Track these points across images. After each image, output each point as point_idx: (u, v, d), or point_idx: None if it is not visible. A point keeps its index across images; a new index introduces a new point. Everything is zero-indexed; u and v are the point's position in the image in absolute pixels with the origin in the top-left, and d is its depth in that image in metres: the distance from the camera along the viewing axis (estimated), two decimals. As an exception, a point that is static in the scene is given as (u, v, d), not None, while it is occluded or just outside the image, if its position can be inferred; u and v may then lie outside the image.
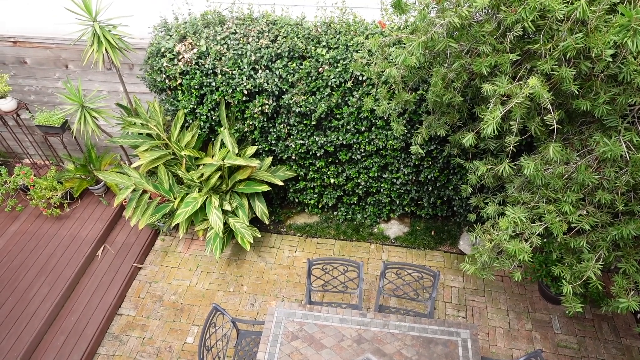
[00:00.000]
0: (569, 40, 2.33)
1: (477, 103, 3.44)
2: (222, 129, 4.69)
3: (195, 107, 4.66)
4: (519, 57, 2.65)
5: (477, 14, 2.86)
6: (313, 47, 4.28)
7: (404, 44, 2.85)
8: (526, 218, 2.93)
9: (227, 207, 4.73)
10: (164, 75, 4.49)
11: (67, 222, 5.57)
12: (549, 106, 2.49)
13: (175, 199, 4.86)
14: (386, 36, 3.43)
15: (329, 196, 5.45)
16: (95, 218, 5.62)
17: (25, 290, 4.86)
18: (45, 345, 4.51)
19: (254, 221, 5.50)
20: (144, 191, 4.95)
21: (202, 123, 4.77)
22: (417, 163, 4.80)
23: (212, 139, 5.03)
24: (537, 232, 2.91)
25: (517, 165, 3.00)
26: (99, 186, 5.75)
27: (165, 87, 4.59)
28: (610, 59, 2.30)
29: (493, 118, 2.53)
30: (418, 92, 4.06)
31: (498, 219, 3.02)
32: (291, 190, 5.49)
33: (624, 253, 2.97)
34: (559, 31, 2.42)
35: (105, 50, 4.17)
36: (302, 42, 4.29)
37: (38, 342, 4.52)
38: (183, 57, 4.36)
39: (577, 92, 2.56)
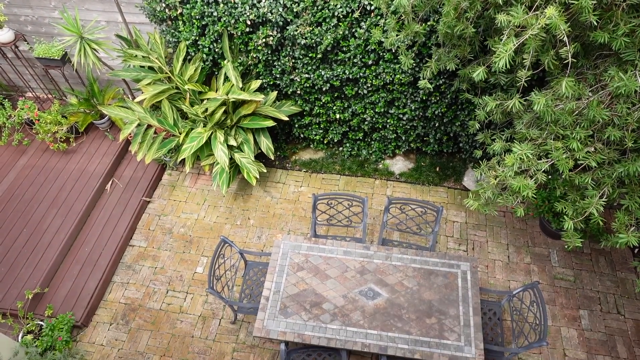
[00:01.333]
0: (593, -35, 2.18)
1: (490, 35, 3.30)
2: (225, 62, 4.57)
3: (197, 38, 4.51)
4: (537, -15, 2.51)
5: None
6: (319, -26, 4.06)
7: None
8: (533, 154, 2.92)
9: (232, 142, 4.72)
10: (164, 4, 4.31)
11: (75, 157, 5.62)
12: (565, 38, 2.38)
13: (180, 133, 4.85)
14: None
15: (335, 132, 5.42)
16: (102, 153, 5.65)
17: (39, 222, 5.01)
18: (62, 273, 4.72)
19: (260, 156, 5.52)
20: (149, 126, 4.94)
21: (204, 56, 4.65)
22: (424, 98, 4.71)
23: (216, 73, 4.92)
24: (543, 169, 2.91)
25: (527, 101, 2.94)
26: (103, 120, 5.73)
27: (165, 17, 4.42)
28: (635, -13, 2.17)
29: (506, 51, 2.44)
30: (428, 23, 3.89)
31: (504, 156, 3.01)
32: (296, 125, 5.45)
33: (628, 190, 2.98)
34: (582, -45, 2.27)
35: (101, -24, 3.97)
36: (307, -33, 4.06)
37: (55, 271, 4.73)
38: (183, -15, 4.16)
39: (595, 23, 2.44)
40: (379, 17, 4.08)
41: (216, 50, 4.58)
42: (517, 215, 3.28)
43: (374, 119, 5.11)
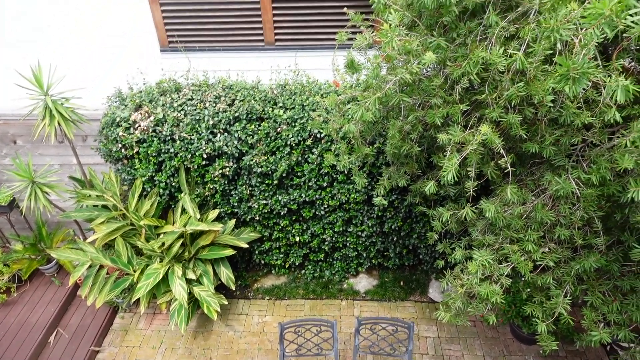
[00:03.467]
0: (512, 89, 2.50)
1: (434, 152, 3.58)
2: (182, 194, 4.60)
3: (153, 174, 4.57)
4: (468, 107, 2.82)
5: (426, 70, 3.05)
6: (270, 109, 4.38)
7: (359, 100, 2.96)
8: (493, 260, 2.99)
9: (191, 275, 4.54)
10: (120, 145, 4.42)
11: (15, 308, 5.14)
12: (502, 151, 2.62)
13: (135, 271, 4.62)
14: (340, 94, 3.57)
15: (295, 255, 5.37)
16: (47, 300, 5.22)
17: (-34, 389, 4.36)
18: None
19: (220, 288, 5.29)
20: (101, 266, 4.70)
21: (161, 190, 4.67)
22: (380, 214, 4.86)
23: (173, 206, 4.91)
24: (505, 273, 2.96)
25: (478, 209, 3.10)
26: (50, 265, 5.40)
27: (121, 156, 4.50)
28: (551, 104, 2.48)
29: (452, 165, 2.63)
30: (375, 146, 4.19)
31: (466, 263, 3.06)
32: (256, 252, 5.38)
33: (588, 286, 3.06)
34: (501, 82, 2.61)
35: (58, 123, 4.08)
36: (259, 104, 4.38)
37: None
38: (139, 126, 4.33)
39: (525, 136, 2.72)
40: (329, 143, 4.36)
41: (173, 184, 4.63)
42: (489, 323, 3.24)
43: (333, 239, 5.15)
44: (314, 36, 4.86)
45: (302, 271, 5.62)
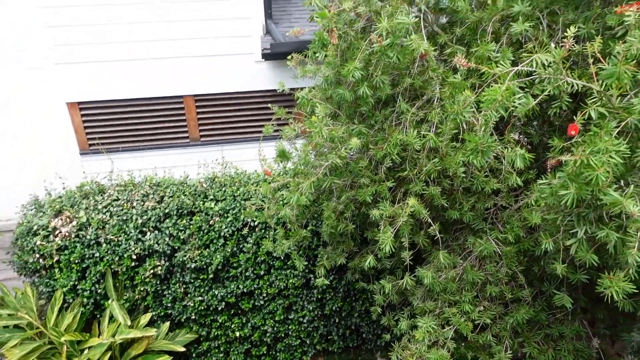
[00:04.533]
0: (429, 165, 2.82)
1: (366, 228, 3.78)
2: (109, 301, 4.29)
3: (76, 283, 4.25)
4: (394, 184, 3.09)
5: (351, 154, 3.33)
6: (201, 202, 4.40)
7: (289, 187, 3.13)
8: (436, 325, 3.12)
9: (122, 391, 4.11)
10: (38, 255, 4.11)
11: None
12: (429, 220, 2.87)
13: (55, 397, 4.09)
14: (271, 182, 3.72)
15: (236, 352, 5.10)
16: None
17: None
18: None
19: (155, 402, 4.80)
20: (12, 398, 4.09)
21: (85, 300, 4.32)
22: (320, 297, 4.86)
23: (98, 316, 4.53)
24: (450, 336, 3.09)
25: (416, 277, 3.28)
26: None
27: (39, 267, 4.17)
28: (464, 175, 2.82)
29: (387, 237, 2.82)
30: (309, 228, 4.31)
31: (413, 332, 3.16)
32: (193, 354, 5.02)
33: (524, 338, 3.27)
34: (419, 159, 2.93)
35: (-35, 238, 3.74)
36: (189, 198, 4.38)
37: None
38: (60, 232, 4.10)
39: (446, 205, 3.02)
40: (263, 231, 4.41)
41: (98, 291, 4.32)
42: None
43: (275, 329, 5.00)
44: (238, 130, 5.10)
45: (244, 369, 5.31)
